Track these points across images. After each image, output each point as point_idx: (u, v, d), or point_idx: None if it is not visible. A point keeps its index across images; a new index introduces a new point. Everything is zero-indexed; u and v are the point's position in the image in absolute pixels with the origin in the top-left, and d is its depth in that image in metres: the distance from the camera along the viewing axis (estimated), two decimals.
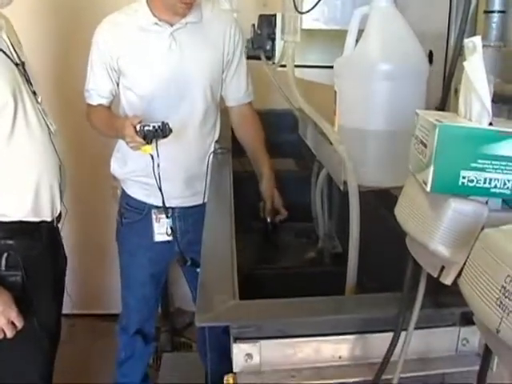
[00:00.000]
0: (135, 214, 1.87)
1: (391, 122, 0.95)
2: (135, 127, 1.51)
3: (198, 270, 0.98)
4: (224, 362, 0.87)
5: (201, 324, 0.78)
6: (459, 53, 0.74)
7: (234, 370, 0.82)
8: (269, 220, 1.80)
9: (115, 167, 1.89)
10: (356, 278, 0.94)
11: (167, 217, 1.78)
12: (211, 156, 1.76)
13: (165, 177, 1.66)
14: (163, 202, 1.65)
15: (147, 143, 1.53)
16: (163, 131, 1.52)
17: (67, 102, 2.41)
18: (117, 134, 1.66)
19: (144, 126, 1.51)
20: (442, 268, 0.69)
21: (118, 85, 1.79)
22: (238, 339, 0.81)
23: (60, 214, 1.54)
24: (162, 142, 1.54)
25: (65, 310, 1.67)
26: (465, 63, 0.63)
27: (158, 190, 1.61)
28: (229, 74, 1.84)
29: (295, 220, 1.81)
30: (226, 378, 0.81)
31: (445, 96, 0.78)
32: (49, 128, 1.46)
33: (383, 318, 0.83)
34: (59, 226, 1.56)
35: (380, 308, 0.84)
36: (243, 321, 0.80)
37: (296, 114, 1.40)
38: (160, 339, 2.62)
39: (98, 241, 2.69)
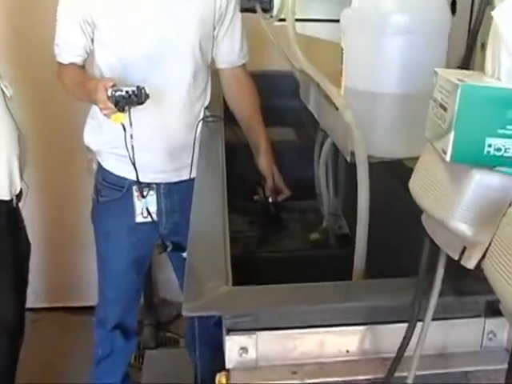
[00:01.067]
0: (114, 191, 1.87)
1: (406, 83, 0.94)
2: (108, 91, 1.51)
3: (184, 254, 0.98)
4: (216, 358, 0.88)
5: (189, 313, 0.79)
6: (487, 1, 0.73)
7: (227, 367, 0.83)
8: (270, 200, 1.81)
9: (89, 136, 1.88)
10: (365, 262, 0.95)
11: (143, 196, 1.79)
12: (200, 124, 1.75)
13: (147, 148, 1.65)
14: (137, 179, 1.65)
15: (119, 111, 1.52)
16: (138, 97, 1.50)
17: (30, 60, 2.35)
18: (89, 99, 1.64)
19: (116, 91, 1.50)
20: (464, 249, 0.69)
21: (92, 41, 1.77)
22: (231, 331, 0.81)
23: (20, 192, 1.52)
24: (142, 107, 1.53)
25: (28, 304, 1.64)
26: (493, 13, 0.63)
27: (139, 164, 1.62)
28: (221, 31, 1.82)
29: (296, 198, 1.83)
30: (217, 376, 0.82)
31: (469, 52, 0.77)
32: (4, 92, 1.43)
33: (396, 306, 0.84)
34: (20, 205, 1.55)
35: (392, 295, 0.85)
36: (237, 309, 0.81)
37: (296, 75, 1.39)
38: (143, 334, 2.64)
39: (69, 223, 2.69)
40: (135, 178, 1.78)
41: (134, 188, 1.83)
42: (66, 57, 1.78)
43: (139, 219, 1.86)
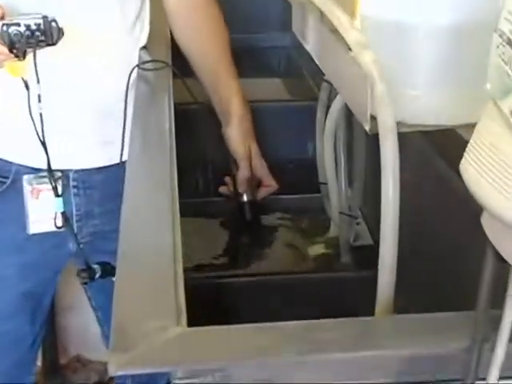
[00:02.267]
0: None
1: (458, 8, 0.96)
2: None
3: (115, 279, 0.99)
4: None
5: (118, 371, 0.79)
6: None
7: None
8: (245, 198, 1.85)
9: None
10: (394, 288, 0.98)
11: (57, 194, 1.76)
12: (134, 75, 1.77)
13: (49, 116, 1.65)
14: (48, 164, 1.66)
15: (16, 57, 1.52)
16: (46, 34, 1.50)
17: None
18: None
19: (9, 26, 1.49)
20: None
21: None
22: None
23: None
24: (44, 52, 1.55)
25: None
26: None
27: (40, 143, 1.62)
28: None
29: (287, 191, 1.86)
30: None
31: None
32: None
33: (443, 356, 0.86)
34: None
35: (437, 338, 0.87)
36: (196, 363, 0.82)
37: None
38: None
39: None
40: (28, 164, 1.78)
41: (25, 179, 1.83)
42: None
43: (35, 229, 1.85)
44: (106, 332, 2.04)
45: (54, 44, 1.52)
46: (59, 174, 1.82)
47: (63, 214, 1.79)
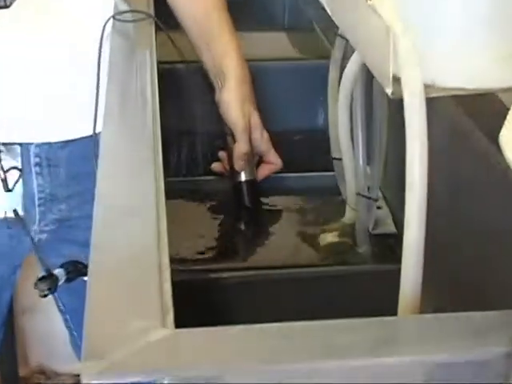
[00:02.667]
0: None
1: None
2: None
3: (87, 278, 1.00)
4: None
5: (93, 380, 0.79)
6: None
7: None
8: (243, 177, 1.86)
9: None
10: (420, 283, 0.99)
11: (7, 188, 1.77)
12: (109, 28, 1.77)
13: (6, 80, 1.67)
14: None
15: None
16: None
17: None
18: None
19: None
20: None
21: None
22: None
23: None
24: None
25: None
26: None
27: None
28: None
29: (296, 168, 1.88)
30: None
31: None
32: None
33: (478, 362, 0.87)
34: None
35: (470, 342, 0.88)
36: (185, 370, 0.83)
37: None
38: None
39: None
40: None
41: None
42: None
43: None
44: (76, 337, 2.06)
45: (7, 6, 1.54)
46: (18, 147, 1.84)
47: (14, 211, 1.80)
